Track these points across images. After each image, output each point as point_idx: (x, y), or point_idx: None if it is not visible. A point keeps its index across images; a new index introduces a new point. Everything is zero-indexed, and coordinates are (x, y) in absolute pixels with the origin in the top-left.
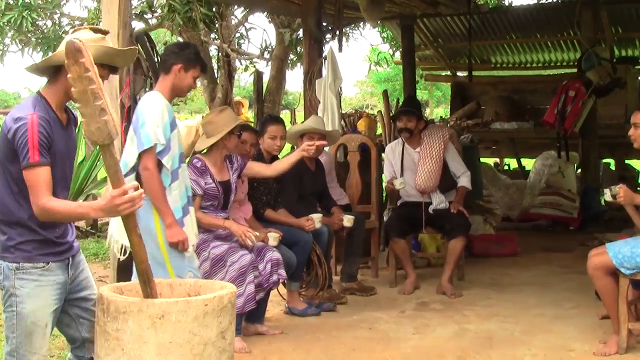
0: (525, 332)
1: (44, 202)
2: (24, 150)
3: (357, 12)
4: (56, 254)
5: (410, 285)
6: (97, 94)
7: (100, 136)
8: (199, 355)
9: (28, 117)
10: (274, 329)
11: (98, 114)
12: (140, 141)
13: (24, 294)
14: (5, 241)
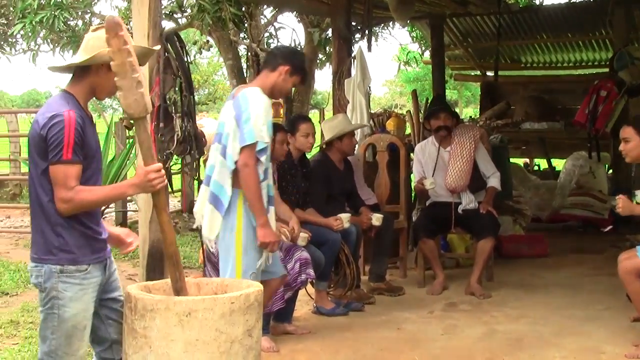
0: (555, 334)
1: (73, 194)
2: (58, 147)
3: (387, 11)
4: (97, 252)
5: (439, 286)
6: (135, 66)
7: (137, 108)
8: (226, 352)
9: (65, 114)
10: (302, 329)
11: (135, 86)
12: (243, 136)
13: (67, 297)
14: (47, 243)
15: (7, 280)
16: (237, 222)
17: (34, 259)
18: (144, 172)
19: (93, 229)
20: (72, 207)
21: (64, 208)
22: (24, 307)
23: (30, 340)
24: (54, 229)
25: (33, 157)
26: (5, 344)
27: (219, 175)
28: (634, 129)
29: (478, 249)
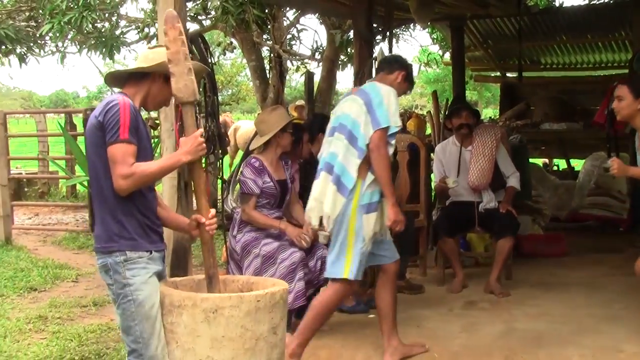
0: (573, 332)
1: (132, 169)
2: (115, 128)
3: (407, 13)
4: (155, 243)
5: (459, 284)
6: (187, 55)
7: (186, 92)
8: (251, 349)
9: (120, 99)
10: (323, 325)
11: (186, 72)
12: (377, 120)
13: (137, 282)
14: (108, 231)
15: (36, 276)
16: (353, 207)
17: (97, 249)
18: (192, 138)
19: (151, 219)
20: (132, 182)
21: (124, 184)
22: (52, 303)
23: (58, 335)
24: (115, 218)
25: (94, 149)
26: (34, 339)
27: (344, 160)
28: (629, 87)
29: (497, 248)
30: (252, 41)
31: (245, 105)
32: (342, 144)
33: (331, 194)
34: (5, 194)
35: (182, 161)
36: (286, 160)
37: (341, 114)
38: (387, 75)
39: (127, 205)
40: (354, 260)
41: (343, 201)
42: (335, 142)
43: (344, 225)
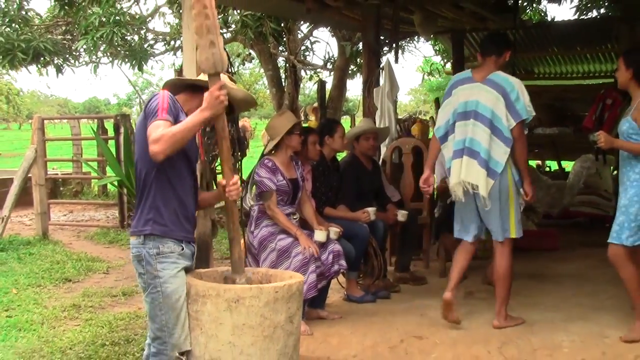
0: (564, 320)
1: (160, 133)
2: (154, 111)
3: (412, 27)
4: (187, 232)
5: None
6: (210, 29)
7: (207, 65)
8: (269, 337)
9: (161, 91)
10: (334, 314)
11: (208, 45)
12: (518, 113)
13: (167, 275)
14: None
15: (70, 268)
16: (510, 185)
17: (133, 232)
18: (209, 93)
19: (187, 209)
20: (163, 144)
21: (156, 148)
22: (85, 293)
23: (90, 322)
24: (153, 204)
25: (139, 139)
26: (69, 325)
27: (491, 149)
28: (623, 58)
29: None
30: (269, 52)
31: (263, 111)
32: (485, 134)
33: (483, 178)
34: (42, 193)
35: (205, 116)
36: (296, 161)
37: (474, 101)
38: (498, 57)
39: (167, 193)
40: (516, 224)
41: (492, 183)
42: (474, 129)
43: (502, 198)
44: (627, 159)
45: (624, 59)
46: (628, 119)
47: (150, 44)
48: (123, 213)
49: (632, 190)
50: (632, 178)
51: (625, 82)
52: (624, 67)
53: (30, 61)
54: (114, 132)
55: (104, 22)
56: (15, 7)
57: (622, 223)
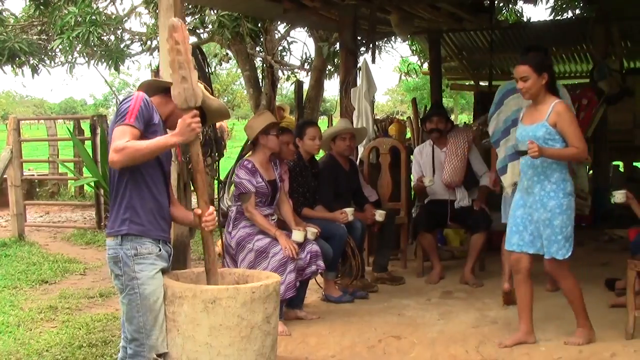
0: (540, 319)
1: (124, 144)
2: (123, 114)
3: (389, 27)
4: (164, 232)
5: (436, 276)
6: (183, 64)
7: (179, 100)
8: (247, 337)
9: (135, 94)
10: (312, 314)
11: (180, 80)
12: None
13: (145, 276)
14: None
15: (47, 269)
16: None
17: (109, 233)
18: (182, 120)
19: (162, 208)
20: (122, 155)
21: (115, 157)
22: (61, 294)
23: (67, 324)
24: (128, 204)
25: None
26: (46, 327)
27: None
28: (530, 66)
29: (471, 242)
30: (246, 52)
31: (240, 111)
32: None
33: None
34: (18, 194)
35: (175, 142)
36: (275, 161)
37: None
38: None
39: (142, 193)
40: None
41: None
42: None
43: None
44: (540, 167)
45: (532, 67)
46: (544, 124)
47: (127, 44)
48: (100, 214)
49: (552, 202)
50: (548, 188)
51: (537, 91)
52: (536, 75)
53: (5, 61)
54: (91, 133)
55: (80, 22)
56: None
57: (549, 237)
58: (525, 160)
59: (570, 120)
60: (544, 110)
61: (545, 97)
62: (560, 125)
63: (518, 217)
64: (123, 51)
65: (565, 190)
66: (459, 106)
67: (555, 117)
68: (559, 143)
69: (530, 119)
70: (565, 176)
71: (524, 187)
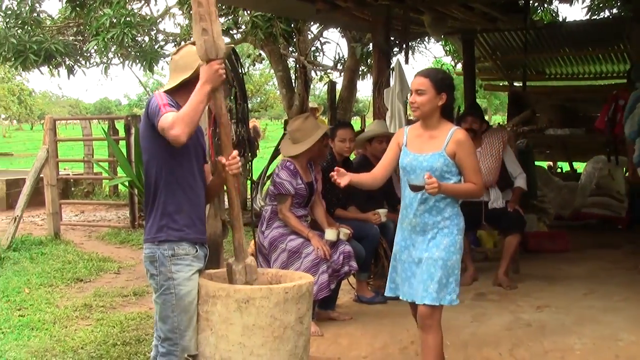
0: (575, 323)
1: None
2: (156, 110)
3: (422, 27)
4: (201, 234)
5: (469, 278)
6: (203, 16)
7: (200, 51)
8: (279, 337)
9: (155, 93)
10: (345, 315)
11: (200, 33)
12: None
13: (181, 277)
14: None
15: (82, 268)
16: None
17: (147, 240)
18: (207, 66)
19: (199, 211)
20: (180, 125)
21: (176, 132)
22: (96, 293)
23: (102, 322)
24: (165, 210)
25: (145, 145)
26: (80, 325)
27: None
28: (431, 81)
29: (505, 244)
30: (279, 53)
31: (273, 112)
32: None
33: None
34: (54, 193)
35: (206, 89)
36: (310, 163)
37: None
38: None
39: (178, 198)
40: None
41: None
42: None
43: None
44: (431, 202)
45: (433, 82)
46: (442, 154)
47: (161, 44)
48: (134, 213)
49: (446, 239)
50: (441, 225)
51: (432, 110)
52: (434, 92)
53: (42, 62)
54: (125, 133)
55: (115, 23)
56: (28, 9)
57: (441, 279)
58: (414, 195)
59: (471, 151)
60: (439, 137)
61: (440, 122)
62: (460, 156)
63: (405, 262)
64: (157, 52)
65: (458, 227)
66: (493, 107)
67: (455, 146)
68: (455, 177)
69: (421, 146)
70: (458, 210)
71: (410, 225)
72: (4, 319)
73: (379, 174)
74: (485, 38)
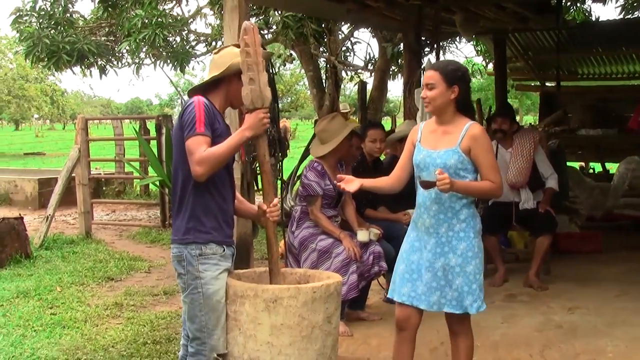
0: (607, 324)
1: (204, 154)
2: (191, 124)
3: (453, 27)
4: (229, 237)
5: (500, 279)
6: (251, 66)
7: (246, 100)
8: (307, 337)
9: (195, 99)
10: (374, 315)
11: (247, 82)
12: None
13: (208, 276)
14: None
15: (113, 267)
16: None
17: (174, 240)
18: (254, 114)
19: (227, 215)
20: (206, 166)
21: (200, 170)
22: (127, 292)
23: (132, 321)
24: (193, 213)
25: (176, 148)
26: (111, 324)
27: None
28: (440, 74)
29: (536, 245)
30: (309, 53)
31: (303, 112)
32: None
33: None
34: (85, 192)
35: (247, 136)
36: (341, 163)
37: None
38: None
39: (206, 201)
40: None
41: None
42: None
43: None
44: (447, 202)
45: (443, 75)
46: (456, 150)
47: (192, 45)
48: (165, 213)
49: (462, 244)
50: (457, 228)
51: (444, 104)
52: (445, 85)
53: (75, 63)
54: (156, 133)
55: (147, 24)
56: (61, 9)
57: (461, 287)
58: (427, 194)
59: (488, 147)
60: (454, 132)
61: (455, 117)
62: (476, 153)
63: (413, 263)
64: (188, 52)
65: (475, 229)
66: (524, 107)
67: (470, 141)
68: (471, 174)
69: (435, 142)
70: (474, 212)
71: (423, 226)
72: (36, 317)
73: (396, 177)
74: (517, 38)
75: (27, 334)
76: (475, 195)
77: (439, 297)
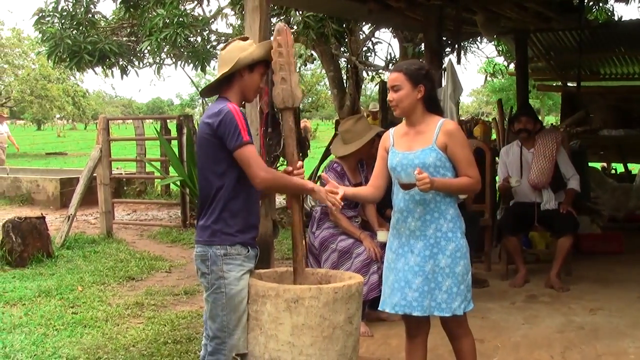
0: (629, 326)
1: (265, 173)
2: (236, 133)
3: (475, 27)
4: (253, 239)
5: (521, 279)
6: (283, 66)
7: (277, 100)
8: (329, 337)
9: (229, 106)
10: (394, 316)
11: (279, 82)
12: None
13: (232, 276)
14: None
15: (133, 266)
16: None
17: (199, 242)
18: (325, 192)
19: (253, 217)
20: (271, 182)
21: (265, 183)
22: (148, 291)
23: (153, 320)
24: (220, 215)
25: (204, 153)
26: (132, 323)
27: None
28: (405, 74)
29: (558, 245)
30: (330, 53)
31: (324, 112)
32: None
33: None
34: (107, 192)
35: (305, 189)
36: (361, 163)
37: None
38: None
39: (235, 206)
40: None
41: None
42: None
43: None
44: (432, 203)
45: (407, 76)
46: (433, 148)
47: (213, 45)
48: (185, 213)
49: (451, 244)
50: (445, 228)
51: (411, 104)
52: (410, 86)
53: (96, 63)
54: (177, 133)
55: (168, 24)
56: (82, 10)
57: (450, 288)
58: (409, 197)
59: (463, 142)
60: (427, 131)
61: (425, 116)
62: (452, 148)
63: (400, 271)
64: (209, 52)
65: (461, 229)
66: (546, 107)
67: (446, 137)
68: (450, 172)
69: (409, 144)
70: (458, 212)
71: (408, 230)
72: (58, 316)
73: (375, 186)
74: (539, 38)
75: (49, 332)
76: (455, 191)
77: (430, 300)
